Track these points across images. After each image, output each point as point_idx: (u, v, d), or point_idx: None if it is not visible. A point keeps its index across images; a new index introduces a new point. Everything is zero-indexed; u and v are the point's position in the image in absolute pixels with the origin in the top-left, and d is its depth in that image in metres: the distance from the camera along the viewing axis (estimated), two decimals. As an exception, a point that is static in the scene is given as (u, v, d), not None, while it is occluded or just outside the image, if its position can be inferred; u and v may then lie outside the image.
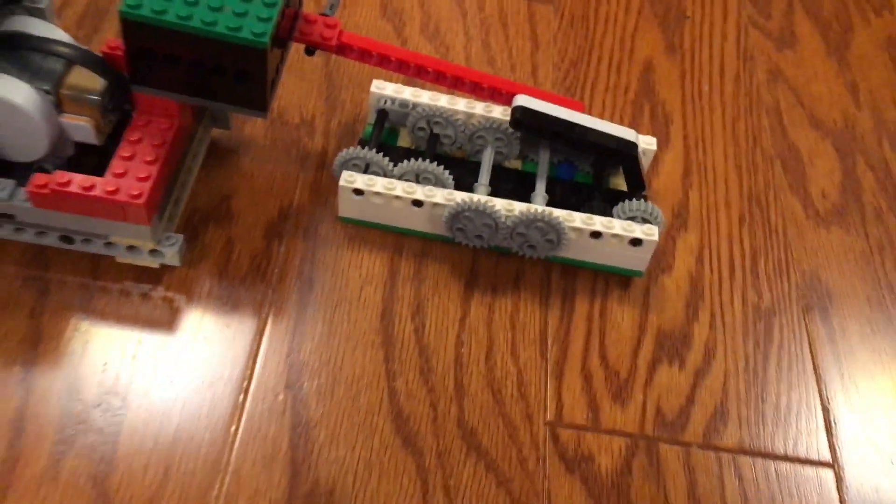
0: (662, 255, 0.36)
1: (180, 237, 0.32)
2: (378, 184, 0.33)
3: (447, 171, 0.34)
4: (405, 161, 0.34)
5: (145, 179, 0.30)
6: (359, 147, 0.34)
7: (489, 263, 0.35)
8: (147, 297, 0.32)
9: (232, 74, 0.29)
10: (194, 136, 0.34)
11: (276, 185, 0.36)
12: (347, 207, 0.34)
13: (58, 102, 0.29)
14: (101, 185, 0.29)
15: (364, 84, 0.40)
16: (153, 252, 0.31)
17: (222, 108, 0.31)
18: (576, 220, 0.33)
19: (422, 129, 0.37)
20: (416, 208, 0.34)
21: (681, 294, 0.35)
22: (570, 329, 0.34)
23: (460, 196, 0.33)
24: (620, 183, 0.37)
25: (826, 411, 0.33)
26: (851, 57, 0.46)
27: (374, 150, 0.34)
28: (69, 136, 0.30)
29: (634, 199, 0.34)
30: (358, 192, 0.34)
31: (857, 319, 0.36)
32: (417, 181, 0.34)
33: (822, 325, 0.35)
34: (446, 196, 0.33)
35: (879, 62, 0.46)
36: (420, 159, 0.34)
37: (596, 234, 0.33)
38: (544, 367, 0.32)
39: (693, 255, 0.37)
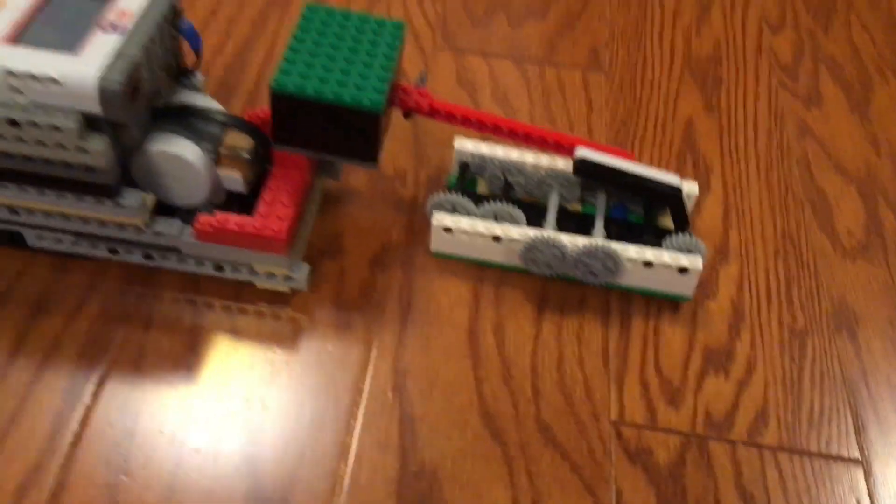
0: (707, 284, 0.42)
1: (308, 266, 0.39)
2: (464, 222, 0.40)
3: (520, 211, 0.41)
4: (486, 203, 0.41)
5: (284, 219, 0.37)
6: (447, 192, 0.41)
7: (557, 289, 0.41)
8: (278, 316, 0.39)
9: (352, 134, 0.36)
10: (314, 186, 0.41)
11: (377, 225, 0.43)
12: (438, 243, 0.41)
13: (217, 159, 0.37)
14: (251, 223, 0.36)
15: (444, 141, 0.47)
16: (286, 278, 0.38)
17: (342, 160, 0.38)
18: (631, 251, 0.39)
19: (497, 177, 0.43)
20: (495, 243, 0.40)
21: (724, 316, 0.41)
22: (628, 344, 0.39)
23: (533, 232, 0.40)
24: (668, 223, 0.43)
25: (855, 416, 0.38)
26: (872, 113, 0.52)
27: (460, 194, 0.41)
28: (223, 186, 0.38)
29: (681, 234, 0.40)
30: (447, 229, 0.40)
31: (880, 338, 0.41)
32: (496, 220, 0.41)
33: (850, 343, 0.40)
34: (521, 232, 0.40)
35: (898, 118, 0.52)
36: (498, 202, 0.41)
37: (648, 264, 0.40)
38: (607, 375, 0.38)
39: (734, 284, 0.42)
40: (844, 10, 0.60)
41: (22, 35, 0.33)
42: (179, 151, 0.35)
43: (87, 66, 0.32)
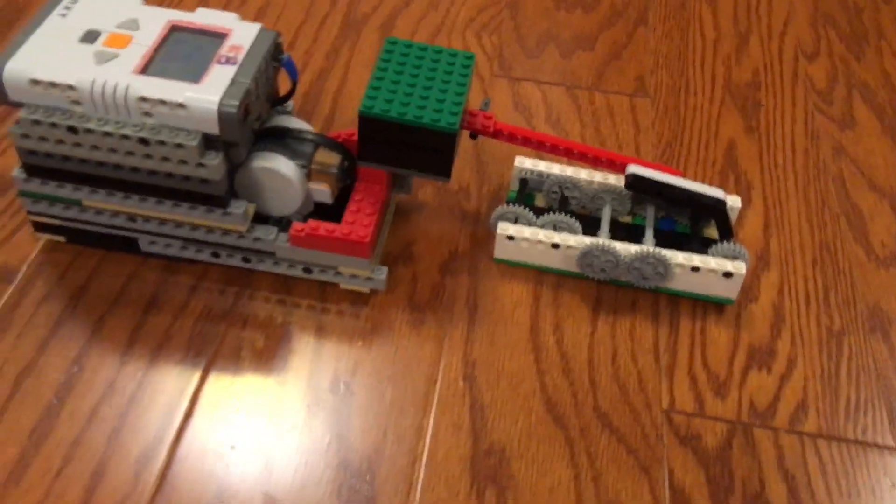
0: (749, 289, 0.46)
1: (386, 268, 0.43)
2: (525, 231, 0.44)
3: (577, 221, 0.45)
4: (545, 214, 0.45)
5: (368, 226, 0.41)
6: (509, 204, 0.46)
7: (610, 293, 0.45)
8: (358, 315, 0.43)
9: (430, 151, 0.41)
10: (390, 199, 0.46)
11: (444, 235, 0.47)
12: (501, 250, 0.45)
13: (308, 173, 0.42)
14: (339, 229, 0.41)
15: (503, 159, 0.52)
16: (368, 279, 0.43)
17: (420, 175, 0.43)
18: (679, 257, 0.43)
19: (555, 192, 0.48)
20: (554, 250, 0.44)
21: (766, 318, 0.44)
22: (677, 342, 0.43)
23: (588, 239, 0.44)
24: (712, 233, 0.47)
25: (889, 408, 0.41)
26: (904, 134, 0.56)
27: (521, 206, 0.45)
28: (312, 198, 0.42)
29: (726, 242, 0.44)
30: (510, 237, 0.45)
31: (914, 339, 0.44)
32: (555, 229, 0.45)
33: (884, 343, 0.43)
34: (578, 240, 0.44)
35: (929, 138, 0.56)
36: (556, 213, 0.45)
37: (695, 269, 0.43)
38: (658, 370, 0.42)
39: (775, 289, 0.46)
40: (876, 39, 0.63)
41: (150, 67, 0.38)
42: (278, 167, 0.40)
43: (208, 93, 0.37)
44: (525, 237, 0.44)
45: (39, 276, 0.43)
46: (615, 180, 0.47)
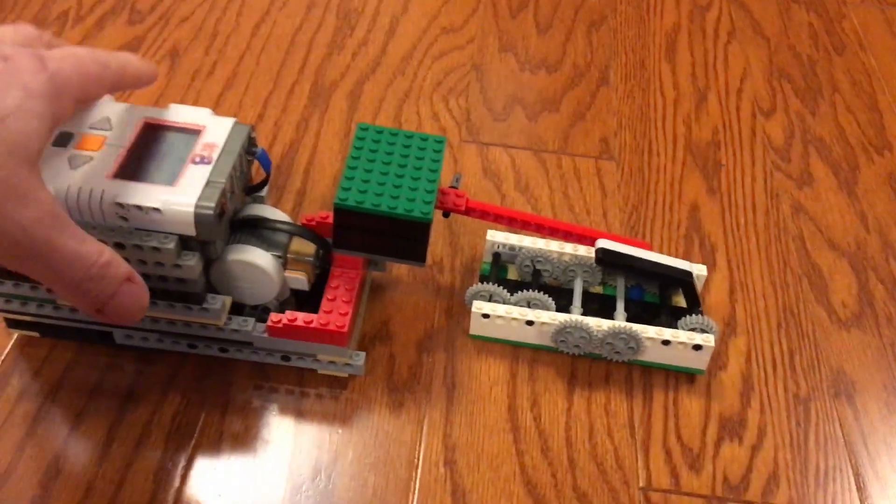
0: (718, 357, 0.47)
1: (363, 353, 0.44)
2: (500, 309, 0.45)
3: (550, 298, 0.46)
4: (519, 291, 0.46)
5: (345, 315, 0.42)
6: (483, 283, 0.46)
7: (584, 365, 0.46)
8: (337, 399, 0.43)
9: (405, 239, 0.42)
10: (365, 279, 0.46)
11: (420, 311, 0.48)
12: (477, 327, 0.46)
13: (284, 263, 0.42)
14: (316, 319, 0.41)
15: (475, 231, 0.53)
16: (345, 365, 0.43)
17: (395, 261, 0.43)
18: (650, 331, 0.44)
19: (527, 265, 0.49)
20: (528, 326, 0.45)
21: (735, 387, 0.46)
22: (651, 415, 0.44)
23: (562, 317, 0.45)
24: (680, 300, 0.48)
25: (857, 475, 0.42)
26: (859, 191, 0.58)
27: (494, 284, 0.46)
28: (288, 286, 0.43)
29: (694, 315, 0.45)
30: (485, 315, 0.45)
31: (876, 402, 0.45)
32: (528, 306, 0.46)
33: (848, 407, 0.45)
34: (551, 317, 0.45)
35: (883, 194, 0.58)
36: (529, 290, 0.46)
37: (666, 342, 0.44)
38: (634, 445, 0.43)
39: (743, 356, 0.47)
40: (829, 92, 0.66)
41: (124, 170, 0.38)
42: (254, 259, 0.40)
43: (183, 196, 0.37)
44: (500, 315, 0.45)
45: (14, 371, 0.43)
46: (585, 252, 0.48)
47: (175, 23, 0.66)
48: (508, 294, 0.46)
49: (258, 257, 0.40)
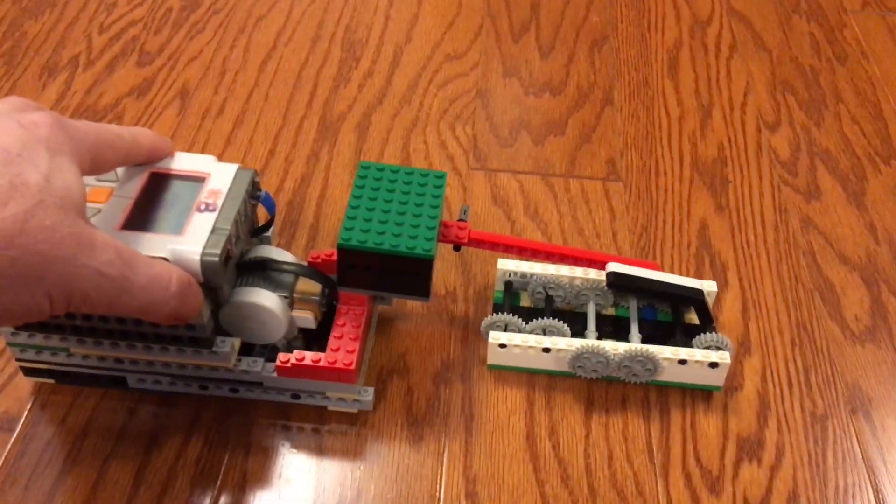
0: (734, 376, 0.47)
1: (372, 389, 0.44)
2: (516, 339, 0.46)
3: (565, 324, 0.46)
4: (533, 319, 0.47)
5: (352, 352, 0.42)
6: (497, 313, 0.47)
7: (601, 390, 0.46)
8: (358, 434, 0.44)
9: (408, 276, 0.42)
10: (371, 313, 0.47)
11: (435, 342, 0.49)
12: (494, 357, 0.47)
13: (291, 303, 0.43)
14: (324, 358, 0.42)
15: (487, 259, 0.53)
16: (355, 401, 0.44)
17: (399, 297, 0.44)
18: (666, 352, 0.45)
19: (539, 292, 0.49)
20: (545, 354, 0.46)
21: (752, 406, 0.46)
22: (669, 438, 0.44)
23: (578, 342, 0.45)
24: (693, 318, 0.49)
25: (877, 492, 0.42)
26: (868, 202, 0.58)
27: (509, 313, 0.47)
28: (296, 325, 0.43)
29: (709, 332, 0.45)
30: (502, 346, 0.46)
31: (893, 417, 0.45)
32: (544, 333, 0.46)
33: (865, 423, 0.45)
34: (568, 343, 0.45)
35: (892, 204, 0.58)
36: (543, 317, 0.47)
37: (682, 362, 0.45)
38: (653, 470, 0.43)
39: (758, 375, 0.47)
40: (834, 104, 0.66)
41: (131, 221, 0.39)
42: (261, 301, 0.41)
43: (190, 244, 0.38)
44: (516, 344, 0.46)
45: (41, 421, 0.44)
46: (596, 275, 0.49)
47: (184, 62, 0.67)
48: (523, 322, 0.47)
49: (265, 299, 0.41)
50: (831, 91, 0.67)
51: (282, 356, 0.43)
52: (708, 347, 0.45)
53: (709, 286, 0.49)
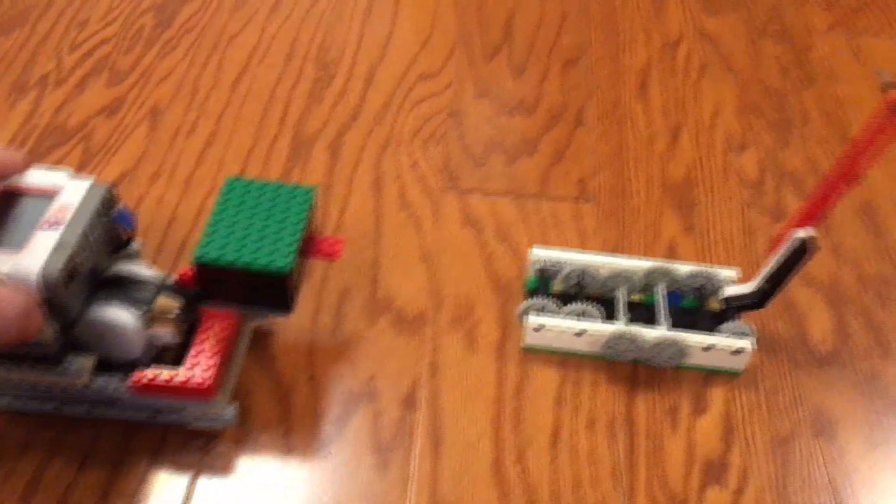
0: (700, 399, 0.48)
1: (233, 406, 0.44)
2: (552, 321, 0.48)
3: (597, 309, 0.49)
4: (569, 304, 0.50)
5: (210, 368, 0.42)
6: (533, 298, 0.50)
7: (568, 414, 0.47)
8: (218, 452, 0.44)
9: (267, 290, 0.42)
10: (243, 327, 0.47)
11: (404, 366, 0.48)
12: (531, 339, 0.49)
13: (149, 319, 0.42)
14: (178, 376, 0.42)
15: (461, 281, 0.53)
16: (215, 419, 0.44)
17: (260, 311, 0.44)
18: (692, 339, 0.48)
19: (572, 279, 0.52)
20: (578, 337, 0.49)
21: (717, 429, 0.46)
22: (634, 464, 0.44)
23: (612, 327, 0.48)
24: (715, 305, 0.51)
25: (839, 515, 0.43)
26: (834, 223, 0.59)
27: (544, 297, 0.50)
28: (156, 342, 0.43)
29: (733, 320, 0.49)
30: (537, 328, 0.49)
31: (857, 439, 0.46)
32: (579, 317, 0.49)
33: (830, 445, 0.46)
34: (602, 327, 0.48)
35: (855, 226, 0.59)
36: (576, 302, 0.50)
37: (708, 348, 0.48)
38: (620, 494, 0.43)
39: (723, 398, 0.48)
40: (800, 125, 0.67)
41: None
42: (115, 318, 0.41)
43: (29, 262, 0.38)
44: (553, 326, 0.49)
45: None
46: (627, 263, 0.52)
47: (155, 81, 0.67)
48: (557, 307, 0.49)
49: (119, 315, 0.41)
50: (798, 112, 0.68)
51: (135, 375, 0.42)
52: (733, 335, 0.48)
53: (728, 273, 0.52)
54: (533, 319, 0.49)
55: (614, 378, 0.49)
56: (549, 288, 0.52)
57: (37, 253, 0.38)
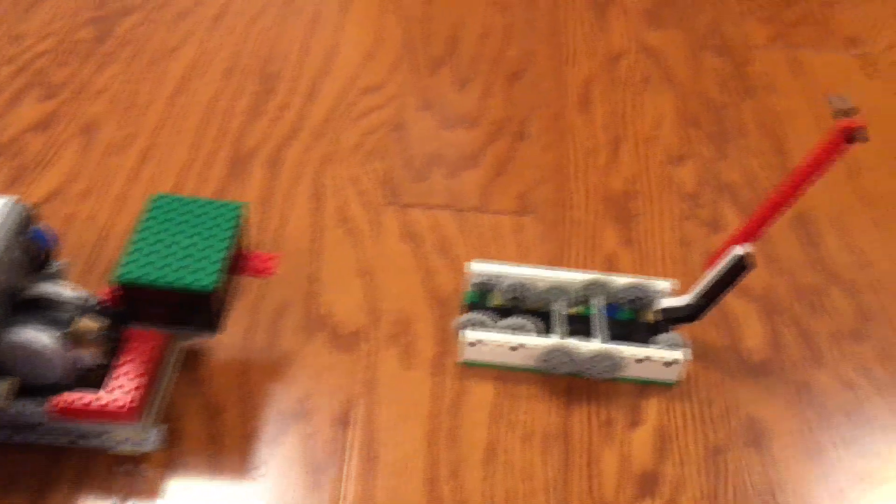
0: (635, 411, 0.48)
1: (157, 429, 0.43)
2: (488, 336, 0.48)
3: (532, 323, 0.49)
4: (505, 318, 0.50)
5: (133, 390, 0.41)
6: (471, 313, 0.50)
7: (503, 430, 0.46)
8: (145, 477, 0.43)
9: (191, 309, 0.42)
10: (171, 347, 0.46)
11: (338, 384, 0.48)
12: (468, 354, 0.49)
13: (70, 341, 0.41)
14: (100, 398, 0.41)
15: (398, 296, 0.53)
16: (139, 442, 0.43)
17: (186, 332, 0.43)
18: (626, 351, 0.48)
19: (509, 293, 0.51)
20: (513, 351, 0.48)
21: (651, 441, 0.46)
22: (567, 479, 0.44)
23: (547, 341, 0.48)
24: (650, 316, 0.51)
25: (769, 525, 0.43)
26: (770, 234, 0.60)
27: (480, 312, 0.50)
28: (79, 363, 0.42)
29: (666, 333, 0.49)
30: (473, 343, 0.48)
31: (788, 448, 0.47)
32: (514, 331, 0.49)
33: (761, 455, 0.46)
34: (537, 341, 0.48)
35: (789, 238, 0.60)
36: (512, 316, 0.50)
37: (640, 360, 0.48)
38: (553, 508, 0.43)
39: (657, 409, 0.48)
40: (736, 137, 0.68)
41: None
42: (32, 340, 0.40)
43: None
44: (488, 341, 0.48)
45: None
46: (565, 277, 0.52)
47: (90, 96, 0.65)
48: (493, 321, 0.49)
49: (37, 337, 0.40)
50: (736, 125, 0.69)
51: (54, 398, 0.41)
52: (667, 346, 0.48)
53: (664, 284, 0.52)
54: (469, 334, 0.48)
55: (551, 392, 0.49)
56: (488, 302, 0.52)
57: None
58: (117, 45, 0.71)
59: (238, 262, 0.45)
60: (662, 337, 0.49)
